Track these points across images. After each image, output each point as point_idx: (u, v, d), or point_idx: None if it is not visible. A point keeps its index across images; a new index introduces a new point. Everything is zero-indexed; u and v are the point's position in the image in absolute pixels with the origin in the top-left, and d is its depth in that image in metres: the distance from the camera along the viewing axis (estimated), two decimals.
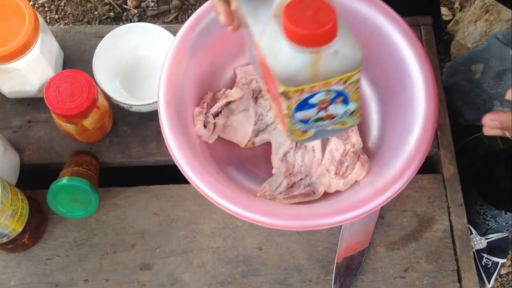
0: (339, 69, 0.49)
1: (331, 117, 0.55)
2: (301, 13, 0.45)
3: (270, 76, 0.50)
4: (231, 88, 0.83)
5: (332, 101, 0.52)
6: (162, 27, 0.88)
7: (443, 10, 1.32)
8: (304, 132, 0.56)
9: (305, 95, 0.50)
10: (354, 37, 0.50)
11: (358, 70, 0.51)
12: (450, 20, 1.29)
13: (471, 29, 1.10)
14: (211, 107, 0.79)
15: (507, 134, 0.57)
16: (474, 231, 1.01)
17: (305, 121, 0.54)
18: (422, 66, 0.74)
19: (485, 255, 1.02)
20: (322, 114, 0.53)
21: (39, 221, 0.79)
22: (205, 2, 0.87)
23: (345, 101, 0.53)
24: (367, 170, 0.76)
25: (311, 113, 0.53)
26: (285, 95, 0.50)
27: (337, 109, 0.54)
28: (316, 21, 0.45)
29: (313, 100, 0.51)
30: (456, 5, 1.30)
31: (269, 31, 0.51)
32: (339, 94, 0.51)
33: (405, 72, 0.76)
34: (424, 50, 0.75)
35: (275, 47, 0.49)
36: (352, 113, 0.56)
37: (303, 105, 0.51)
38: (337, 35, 0.47)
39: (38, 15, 0.78)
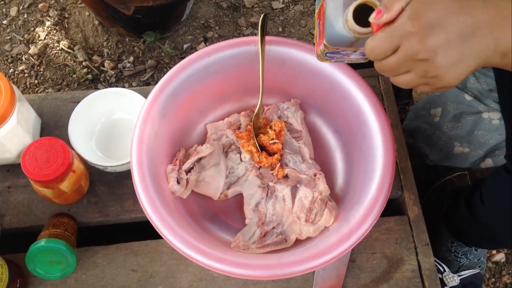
0: None
1: (350, 58, 0.70)
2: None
3: (322, 29, 0.65)
4: (203, 144, 0.87)
5: (355, 53, 0.67)
6: (139, 86, 0.93)
7: None
8: (328, 60, 0.71)
9: (338, 51, 0.66)
10: None
11: None
12: None
13: None
14: (184, 163, 0.83)
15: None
16: (446, 269, 1.03)
17: (331, 58, 0.70)
18: (378, 116, 0.79)
19: None
20: (345, 57, 0.69)
21: (19, 285, 0.80)
22: (178, 61, 0.92)
23: (363, 54, 0.66)
24: (336, 216, 0.79)
25: (338, 56, 0.69)
26: (325, 46, 0.65)
27: (357, 57, 0.69)
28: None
29: (342, 52, 0.67)
30: None
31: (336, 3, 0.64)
32: (362, 52, 0.66)
33: (363, 122, 0.81)
34: (379, 101, 0.80)
35: (335, 14, 0.63)
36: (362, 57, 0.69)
37: (334, 53, 0.68)
38: None
39: (14, 87, 0.82)
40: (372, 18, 0.56)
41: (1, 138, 0.81)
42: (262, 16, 0.82)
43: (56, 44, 1.41)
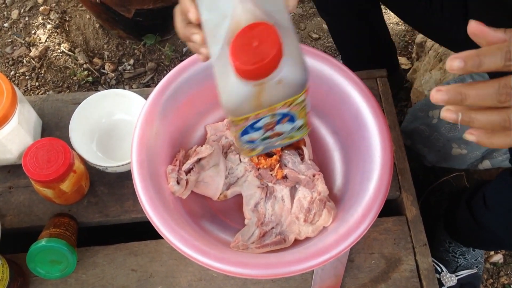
0: (283, 96, 0.49)
1: (279, 134, 0.56)
2: (247, 44, 0.45)
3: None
4: (202, 145, 0.88)
5: (278, 122, 0.52)
6: (139, 88, 0.93)
7: (402, 60, 1.41)
8: (252, 150, 0.58)
9: (250, 122, 0.51)
10: (300, 59, 0.48)
11: (303, 92, 0.50)
12: (409, 69, 1.38)
13: (427, 78, 1.18)
14: (184, 164, 0.84)
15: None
16: (444, 269, 1.04)
17: (252, 141, 0.56)
18: (376, 117, 0.80)
19: None
20: (269, 133, 0.54)
21: (20, 285, 0.81)
22: (178, 63, 0.93)
23: (292, 120, 0.53)
24: (334, 216, 0.80)
25: (258, 134, 0.54)
26: (232, 122, 0.51)
27: (284, 127, 0.54)
28: (260, 53, 0.44)
29: (259, 124, 0.51)
30: (414, 55, 1.39)
31: (222, 56, 0.49)
32: (285, 115, 0.52)
33: (362, 124, 0.81)
34: (377, 103, 0.81)
35: (225, 73, 0.48)
36: (300, 127, 0.56)
37: (250, 129, 0.52)
38: (279, 66, 0.46)
39: (16, 88, 0.83)
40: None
41: (3, 138, 0.82)
42: None
43: (57, 47, 1.42)
